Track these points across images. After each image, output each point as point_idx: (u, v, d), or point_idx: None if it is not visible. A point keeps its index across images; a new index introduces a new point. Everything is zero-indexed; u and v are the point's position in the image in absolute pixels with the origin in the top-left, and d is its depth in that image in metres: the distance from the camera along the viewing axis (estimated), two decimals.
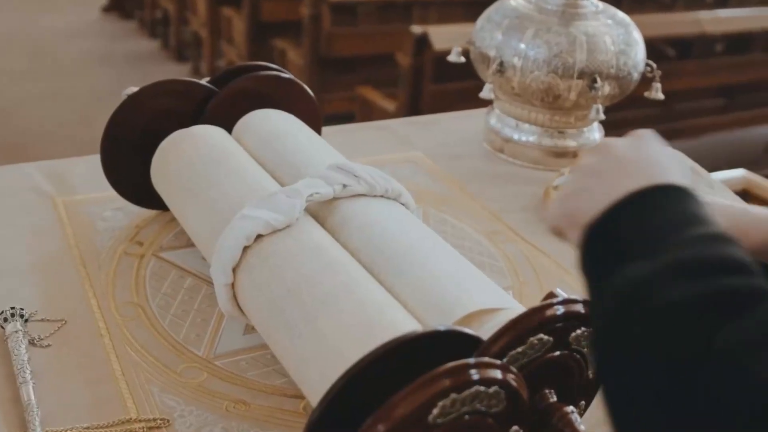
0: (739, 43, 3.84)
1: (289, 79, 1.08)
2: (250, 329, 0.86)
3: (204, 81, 1.07)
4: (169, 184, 0.94)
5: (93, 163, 1.18)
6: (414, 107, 3.14)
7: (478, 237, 1.08)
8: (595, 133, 1.30)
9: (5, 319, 0.82)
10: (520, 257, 1.05)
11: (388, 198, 0.85)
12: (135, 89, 1.09)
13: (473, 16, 4.15)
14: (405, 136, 1.36)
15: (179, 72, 4.83)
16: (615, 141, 0.54)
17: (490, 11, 1.26)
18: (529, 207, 1.14)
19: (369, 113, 3.30)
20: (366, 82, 3.53)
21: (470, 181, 1.22)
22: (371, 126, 1.43)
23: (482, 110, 1.41)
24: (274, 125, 1.00)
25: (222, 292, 0.78)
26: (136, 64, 4.89)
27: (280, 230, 0.77)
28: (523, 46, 1.18)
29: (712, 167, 1.44)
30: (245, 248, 0.77)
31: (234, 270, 0.77)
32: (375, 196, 0.84)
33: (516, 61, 1.18)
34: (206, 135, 0.96)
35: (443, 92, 3.17)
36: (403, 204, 0.87)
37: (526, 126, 1.26)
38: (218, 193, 0.86)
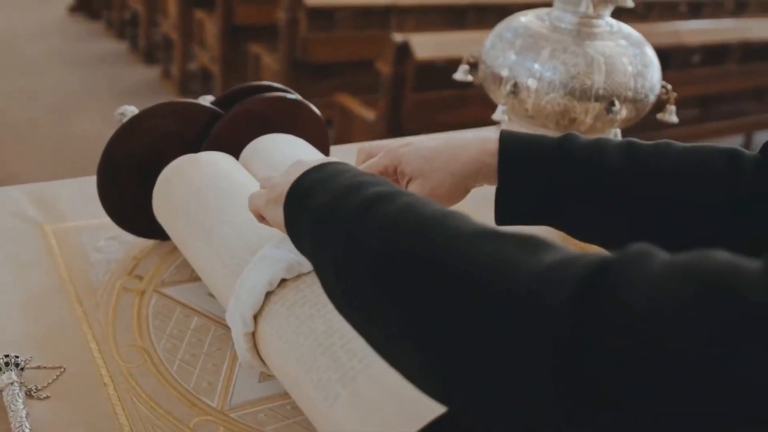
0: (716, 54, 3.85)
1: (295, 100, 1.02)
2: (265, 376, 0.80)
3: (202, 101, 1.01)
4: (175, 216, 0.87)
5: (81, 186, 1.11)
6: (395, 116, 3.09)
7: None
8: None
9: None
10: None
11: None
12: (130, 108, 1.02)
13: (451, 24, 4.12)
14: None
15: (148, 73, 4.73)
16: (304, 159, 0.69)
17: (500, 29, 1.21)
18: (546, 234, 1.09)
19: (348, 121, 3.24)
20: (343, 88, 3.47)
21: (481, 205, 1.16)
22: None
23: (485, 129, 1.36)
24: (284, 151, 0.94)
25: (241, 341, 0.72)
26: (103, 66, 4.77)
27: (305, 274, 0.71)
28: (537, 66, 1.13)
29: None
30: (267, 293, 0.71)
31: (255, 317, 0.71)
32: None
33: (530, 82, 1.13)
34: (213, 162, 0.90)
35: (424, 101, 3.13)
36: None
37: None
38: (232, 229, 0.79)
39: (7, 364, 0.75)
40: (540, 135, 0.75)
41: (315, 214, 0.59)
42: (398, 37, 2.98)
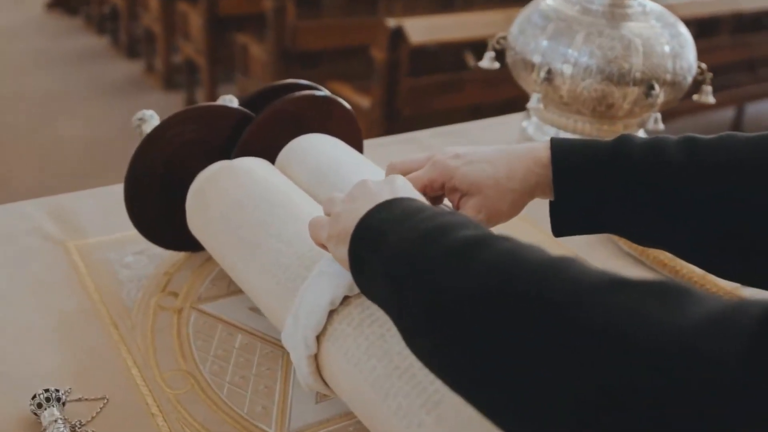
0: (708, 26, 3.82)
1: (326, 97, 0.97)
2: (322, 396, 0.75)
3: (222, 101, 0.95)
4: (212, 229, 0.82)
5: (99, 198, 1.05)
6: (391, 103, 3.03)
7: None
8: None
9: (39, 405, 0.69)
10: None
11: None
12: (148, 113, 0.97)
13: (439, 7, 4.04)
14: (435, 149, 1.25)
15: (131, 68, 4.63)
16: (368, 180, 0.64)
17: (528, 13, 1.15)
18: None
19: None
20: (333, 76, 3.40)
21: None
22: (399, 139, 1.31)
23: (512, 116, 1.31)
24: (322, 153, 0.88)
25: (304, 365, 0.67)
26: (84, 63, 4.66)
27: None
28: (572, 51, 1.08)
29: None
30: (330, 312, 0.66)
31: (317, 337, 0.66)
32: None
33: (565, 68, 1.08)
34: (249, 170, 0.84)
35: (420, 86, 3.07)
36: None
37: (569, 136, 1.16)
38: (281, 243, 0.74)
39: (48, 399, 0.69)
40: (591, 140, 0.70)
41: (392, 259, 0.54)
42: (392, 22, 2.92)
